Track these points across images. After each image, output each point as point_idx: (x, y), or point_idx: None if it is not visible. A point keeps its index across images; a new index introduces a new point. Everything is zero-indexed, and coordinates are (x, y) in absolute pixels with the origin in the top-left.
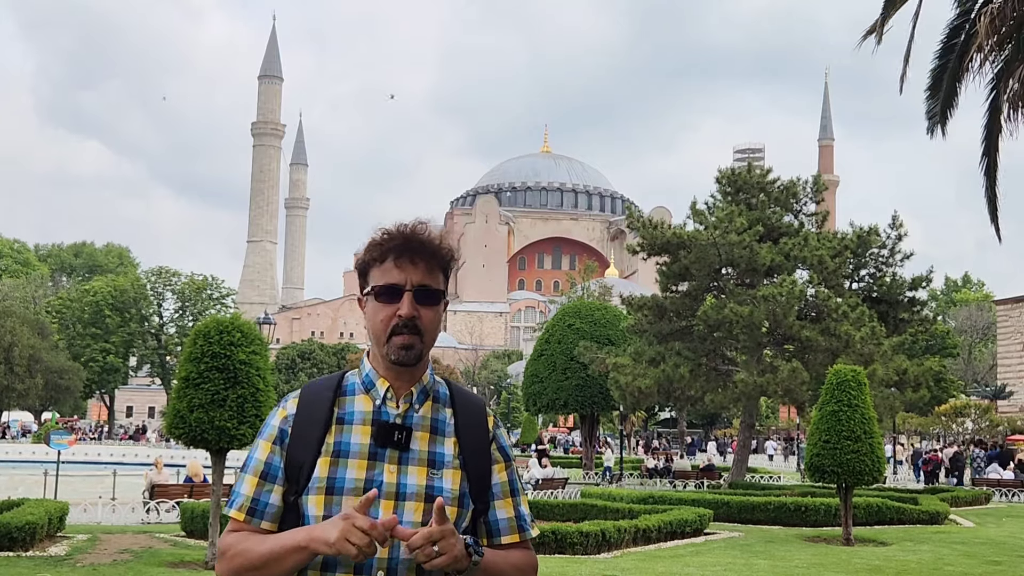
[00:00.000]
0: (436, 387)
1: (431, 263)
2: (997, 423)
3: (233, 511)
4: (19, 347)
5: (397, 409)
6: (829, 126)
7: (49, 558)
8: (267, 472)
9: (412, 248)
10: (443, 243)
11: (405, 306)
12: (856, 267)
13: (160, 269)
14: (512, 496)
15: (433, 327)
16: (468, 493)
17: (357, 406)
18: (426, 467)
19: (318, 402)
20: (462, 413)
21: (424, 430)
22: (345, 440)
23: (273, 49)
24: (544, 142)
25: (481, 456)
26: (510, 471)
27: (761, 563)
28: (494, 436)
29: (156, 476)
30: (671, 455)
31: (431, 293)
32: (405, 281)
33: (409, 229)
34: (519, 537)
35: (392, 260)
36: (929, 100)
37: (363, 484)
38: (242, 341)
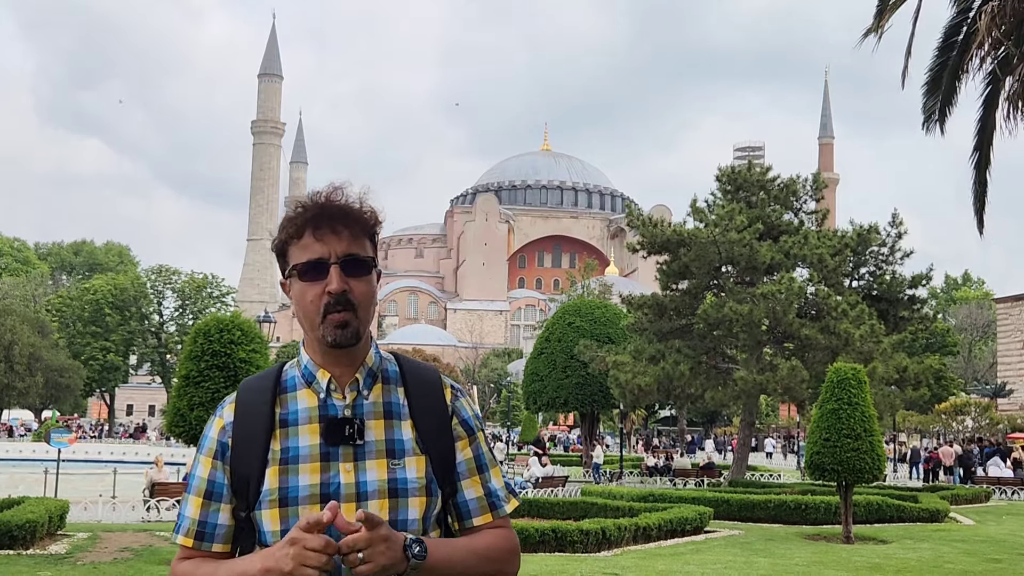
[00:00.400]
0: (384, 366)
1: (355, 230)
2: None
3: (180, 537)
4: (19, 345)
5: (344, 400)
6: (829, 124)
7: (49, 556)
8: (211, 491)
9: (331, 216)
10: (365, 206)
11: (334, 280)
12: (856, 265)
13: (160, 267)
14: (479, 472)
15: (367, 300)
16: (435, 479)
17: (300, 403)
18: (385, 458)
19: (256, 405)
20: (415, 391)
21: (377, 417)
22: (292, 444)
23: (273, 48)
24: (544, 140)
25: (441, 435)
26: (475, 445)
27: (761, 561)
28: (454, 410)
29: (156, 474)
30: (671, 453)
31: (360, 262)
32: (329, 253)
33: (324, 197)
34: (491, 516)
35: (311, 233)
36: (927, 97)
37: (319, 489)
38: (242, 339)
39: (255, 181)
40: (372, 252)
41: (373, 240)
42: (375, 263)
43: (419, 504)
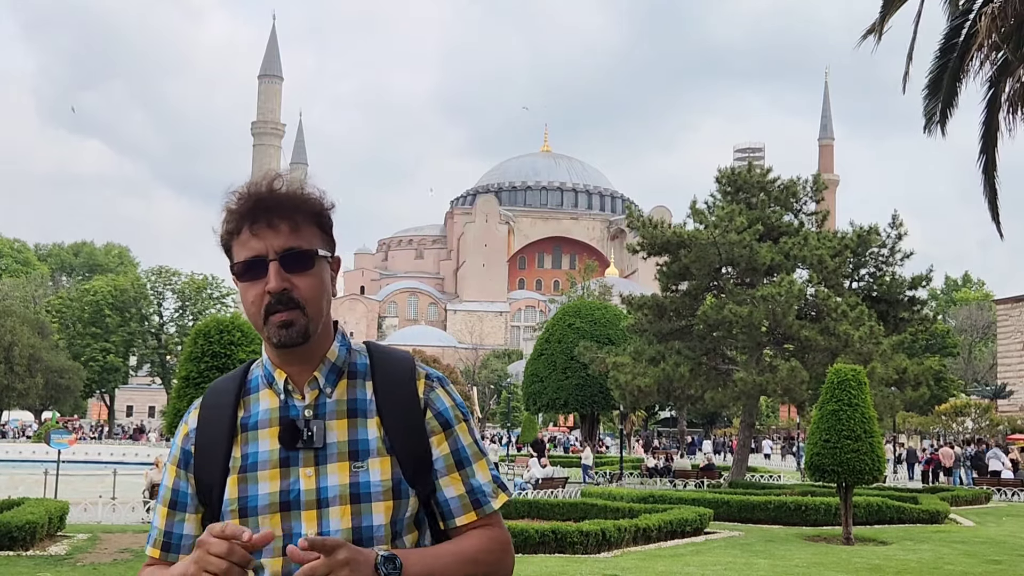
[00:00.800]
0: (353, 359)
1: (296, 220)
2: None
3: (149, 548)
4: (19, 347)
5: (304, 400)
6: (829, 125)
7: (49, 557)
8: (175, 500)
9: (267, 208)
10: (306, 193)
11: (272, 278)
12: (856, 266)
13: (160, 268)
14: (459, 468)
15: (315, 295)
16: (404, 479)
17: (262, 405)
18: (348, 460)
19: (218, 410)
20: (382, 384)
21: (340, 416)
22: (252, 450)
23: (273, 48)
24: (544, 142)
25: (412, 432)
26: (453, 439)
27: (761, 562)
28: (427, 402)
29: (156, 475)
30: (671, 454)
31: (300, 256)
32: (266, 249)
33: (262, 187)
34: (475, 515)
35: (247, 228)
36: (928, 99)
37: (278, 498)
38: (242, 340)
39: None
40: (321, 241)
41: (324, 227)
42: (325, 253)
43: (384, 509)
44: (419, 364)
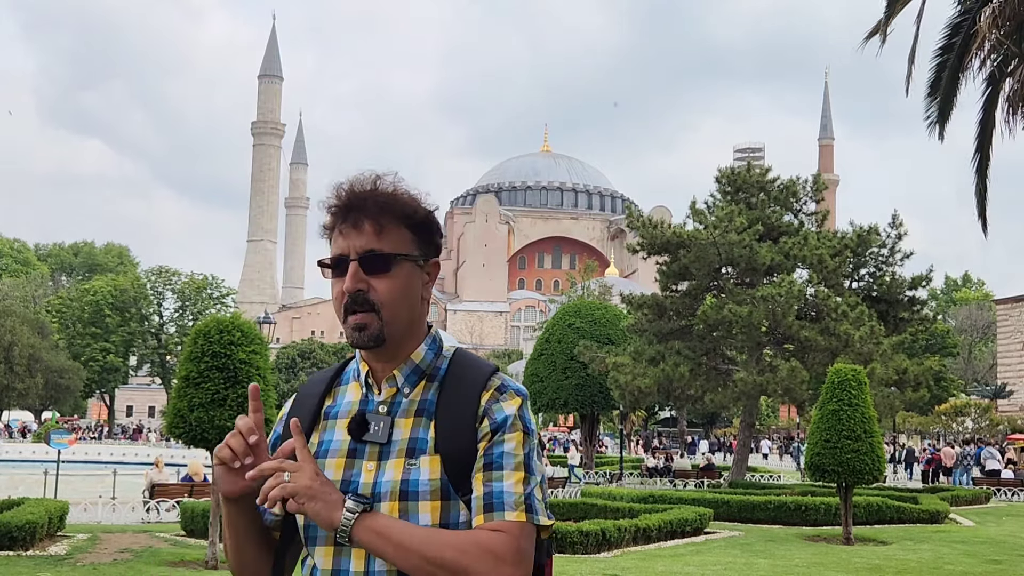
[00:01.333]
0: (437, 364)
1: (382, 221)
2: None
3: None
4: (19, 346)
5: (380, 396)
6: (829, 125)
7: (49, 557)
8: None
9: (355, 208)
10: (396, 195)
11: (348, 279)
12: (856, 266)
13: (160, 268)
14: (486, 469)
15: (393, 298)
16: (450, 482)
17: (347, 396)
18: (404, 458)
19: (309, 398)
20: (448, 388)
21: (408, 416)
22: (327, 438)
23: (273, 48)
24: (544, 141)
25: (460, 435)
26: (495, 444)
27: (761, 562)
28: (486, 411)
29: (156, 475)
30: (671, 454)
31: (378, 258)
32: (349, 250)
33: (349, 186)
34: (483, 518)
35: (339, 227)
36: (928, 100)
37: (339, 487)
38: (242, 340)
39: (255, 182)
40: (412, 244)
41: (418, 230)
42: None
43: (431, 509)
44: (501, 377)
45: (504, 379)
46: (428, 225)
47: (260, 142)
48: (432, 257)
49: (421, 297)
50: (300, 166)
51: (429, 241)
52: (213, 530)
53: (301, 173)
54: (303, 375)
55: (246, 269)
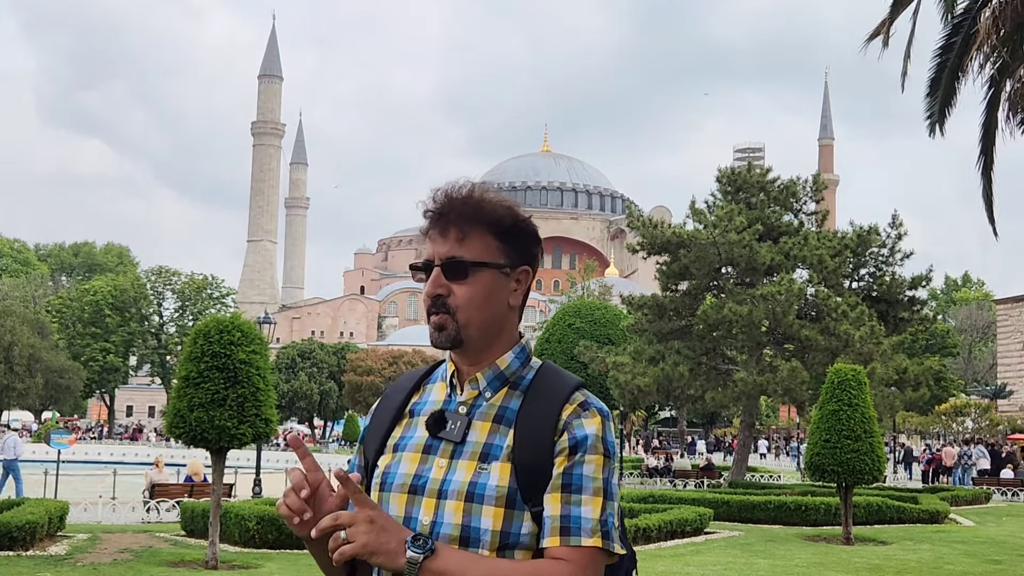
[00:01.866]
0: (522, 373)
1: (467, 228)
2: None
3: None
4: (19, 346)
5: (462, 396)
6: (829, 126)
7: (49, 557)
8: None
9: (442, 216)
10: (483, 203)
11: (428, 283)
12: (856, 266)
13: (160, 268)
14: (565, 491)
15: (470, 304)
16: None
17: (432, 396)
18: (476, 461)
19: (398, 393)
20: (531, 398)
21: (487, 420)
22: (408, 434)
23: (273, 48)
24: (544, 141)
25: (537, 446)
26: (574, 464)
27: (761, 562)
28: (567, 425)
29: (156, 475)
30: (671, 454)
31: (457, 266)
32: (434, 255)
33: (440, 195)
34: (558, 541)
35: (429, 232)
36: (928, 99)
37: (409, 480)
38: (242, 340)
39: (255, 182)
40: (497, 252)
41: (505, 238)
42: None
43: (495, 515)
44: (584, 394)
45: (588, 396)
46: (517, 233)
47: (260, 142)
48: (523, 265)
49: (508, 304)
50: (300, 166)
51: (519, 249)
52: (213, 530)
53: (301, 173)
54: (303, 375)
55: (246, 269)
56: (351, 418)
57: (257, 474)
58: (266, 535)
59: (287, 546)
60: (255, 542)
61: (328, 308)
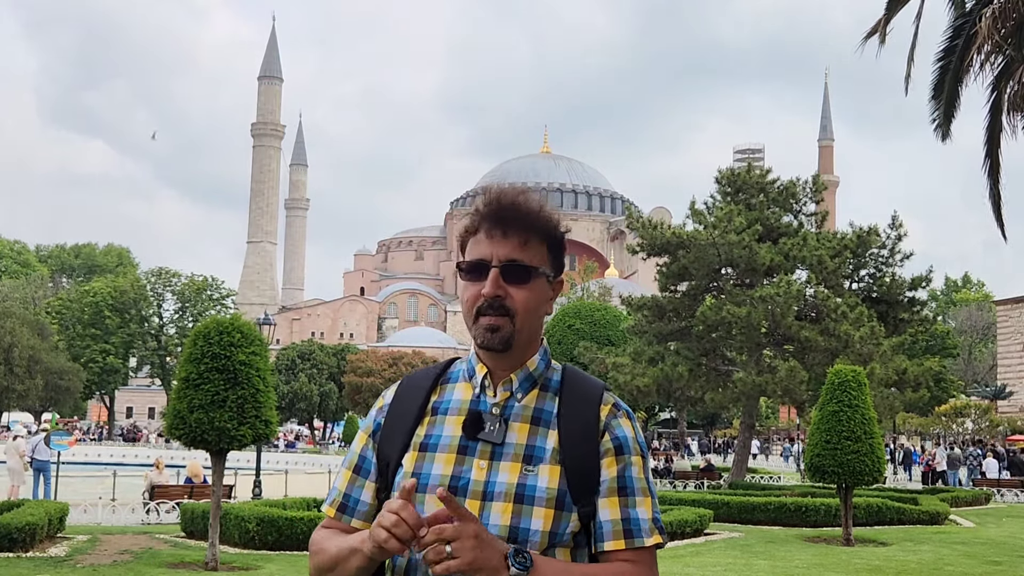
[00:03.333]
0: (548, 375)
1: (526, 235)
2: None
3: (326, 506)
4: (19, 348)
5: (495, 398)
6: (829, 126)
7: (49, 559)
8: (360, 466)
9: (504, 218)
10: (543, 212)
11: (488, 284)
12: (856, 267)
13: (160, 270)
14: (621, 495)
15: (528, 308)
16: (568, 492)
17: (456, 395)
18: (520, 463)
19: (415, 391)
20: (568, 400)
21: (524, 421)
22: (436, 433)
23: (273, 49)
24: (544, 142)
25: (584, 448)
26: (623, 466)
27: (761, 563)
28: (607, 426)
29: (156, 477)
30: (671, 455)
31: (521, 269)
32: (492, 255)
33: (503, 196)
34: (623, 544)
35: (484, 231)
36: (933, 103)
37: (448, 481)
38: (242, 342)
39: (255, 183)
40: (547, 261)
41: (553, 249)
42: (546, 271)
43: (545, 516)
44: (612, 396)
45: (616, 397)
46: (561, 245)
47: (260, 143)
48: (559, 275)
49: (547, 311)
50: (300, 167)
51: (559, 260)
52: (213, 531)
53: (301, 174)
54: (303, 376)
55: (246, 270)
56: (351, 419)
57: (257, 475)
58: (266, 536)
59: (287, 547)
60: (255, 543)
61: (328, 309)
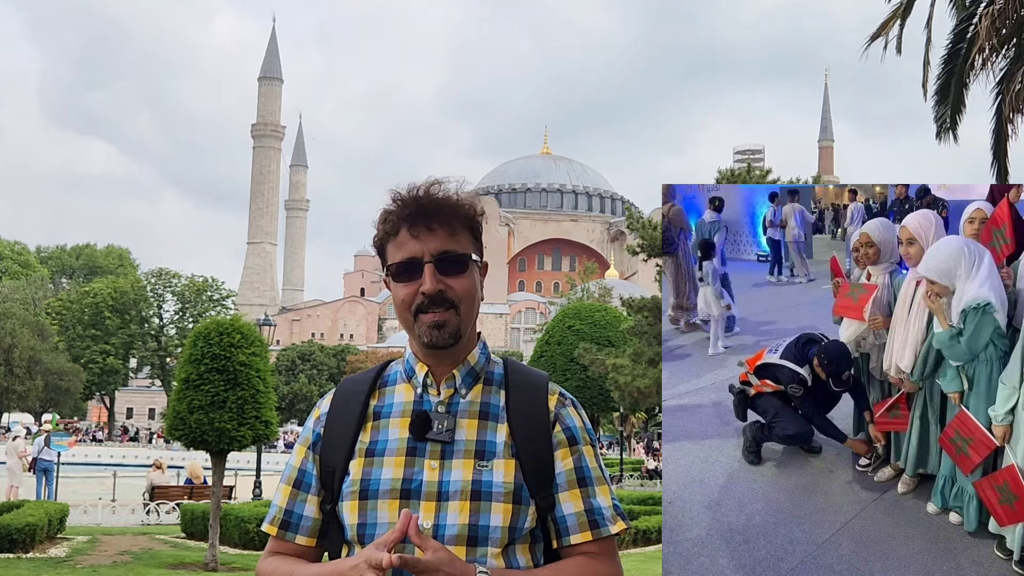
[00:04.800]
0: (490, 368)
1: (452, 225)
2: None
3: (267, 525)
4: (19, 349)
5: (439, 396)
6: (829, 127)
7: (49, 560)
8: (300, 480)
9: (426, 212)
10: (463, 200)
11: (427, 280)
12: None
13: (160, 271)
14: (581, 486)
15: (469, 296)
16: (525, 486)
17: (397, 397)
18: (473, 459)
19: (352, 397)
20: (515, 394)
21: (472, 417)
22: (381, 437)
23: (273, 50)
24: (544, 143)
25: (538, 441)
26: (577, 456)
27: None
28: (557, 416)
29: (157, 477)
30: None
31: (456, 259)
32: (423, 252)
33: (421, 191)
34: (591, 535)
35: (406, 230)
36: (938, 105)
37: (400, 484)
38: (242, 343)
39: (255, 184)
40: (473, 247)
41: (475, 233)
42: (474, 258)
43: (503, 511)
44: (556, 385)
45: (559, 386)
46: (480, 227)
47: (260, 144)
48: (482, 258)
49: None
50: (300, 168)
51: (481, 244)
52: (213, 532)
53: (301, 175)
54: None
55: (246, 271)
56: None
57: (257, 476)
58: (266, 538)
59: None
60: (255, 544)
61: (328, 310)
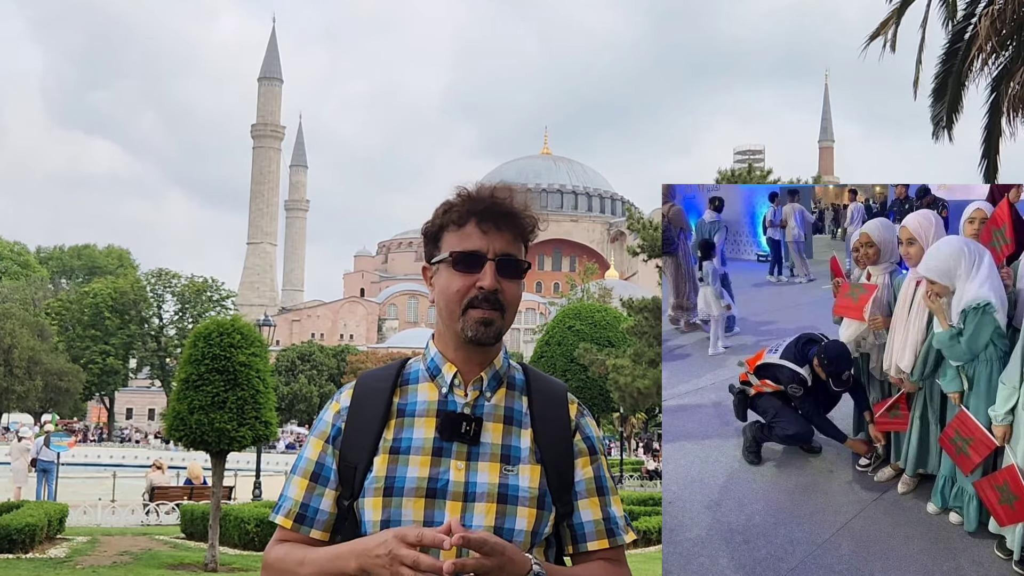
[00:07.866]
0: (511, 373)
1: (515, 232)
2: None
3: (280, 517)
4: (18, 349)
5: (465, 397)
6: (829, 128)
7: (49, 560)
8: (318, 473)
9: (498, 213)
10: (529, 211)
11: (487, 277)
12: None
13: (160, 271)
14: (600, 495)
15: (515, 303)
16: (549, 492)
17: (421, 396)
18: (499, 463)
19: (375, 393)
20: (538, 400)
21: (497, 420)
22: (406, 435)
23: (273, 51)
24: (544, 144)
25: (561, 449)
26: (596, 466)
27: None
28: (578, 426)
29: (157, 478)
30: None
31: (515, 264)
32: (488, 248)
33: (496, 192)
34: (608, 543)
35: (475, 224)
36: (935, 105)
37: (426, 483)
38: (242, 343)
39: (255, 184)
40: (525, 257)
41: (527, 246)
42: (527, 268)
43: (528, 515)
44: (574, 395)
45: (575, 396)
46: (530, 243)
47: (260, 144)
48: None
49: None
50: (300, 168)
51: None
52: (213, 533)
53: (301, 175)
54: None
55: (246, 272)
56: None
57: (257, 477)
58: (266, 538)
59: None
60: (255, 545)
61: (328, 311)
